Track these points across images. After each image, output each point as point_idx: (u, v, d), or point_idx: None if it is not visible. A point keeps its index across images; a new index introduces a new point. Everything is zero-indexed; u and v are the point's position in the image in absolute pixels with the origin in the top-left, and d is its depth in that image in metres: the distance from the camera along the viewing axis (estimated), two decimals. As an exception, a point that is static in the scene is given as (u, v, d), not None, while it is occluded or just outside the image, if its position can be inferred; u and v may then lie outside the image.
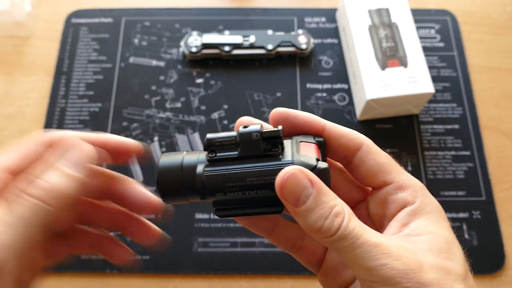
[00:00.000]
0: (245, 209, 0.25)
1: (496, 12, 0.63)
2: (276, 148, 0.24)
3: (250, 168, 0.23)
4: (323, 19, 0.62)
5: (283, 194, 0.22)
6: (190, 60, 0.59)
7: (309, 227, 0.22)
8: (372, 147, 0.26)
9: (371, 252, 0.21)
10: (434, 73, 0.58)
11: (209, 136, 0.25)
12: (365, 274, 0.21)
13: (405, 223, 0.24)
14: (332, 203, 0.22)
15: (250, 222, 0.27)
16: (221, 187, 0.24)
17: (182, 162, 0.25)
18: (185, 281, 0.48)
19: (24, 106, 0.56)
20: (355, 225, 0.22)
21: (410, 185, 0.25)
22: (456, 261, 0.22)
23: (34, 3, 0.62)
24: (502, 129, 0.55)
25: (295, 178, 0.22)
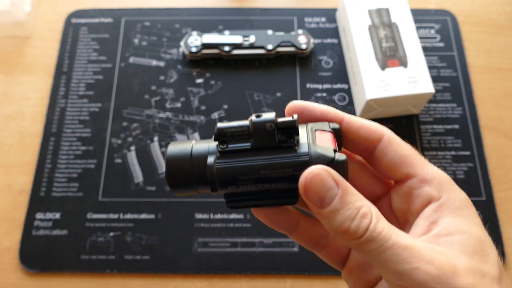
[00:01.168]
0: (258, 201, 0.24)
1: (496, 12, 0.63)
2: (292, 139, 0.22)
3: (264, 160, 0.22)
4: (323, 19, 0.62)
5: (307, 196, 0.21)
6: (190, 60, 0.59)
7: (335, 229, 0.21)
8: (394, 138, 0.25)
9: (401, 255, 0.20)
10: (434, 73, 0.58)
11: (220, 125, 0.23)
12: (396, 279, 0.20)
13: (434, 221, 0.22)
14: (359, 203, 0.21)
15: (271, 219, 0.26)
16: (233, 180, 0.22)
17: (192, 151, 0.24)
18: (185, 281, 0.48)
19: (24, 106, 0.56)
20: (384, 226, 0.20)
21: (435, 178, 0.23)
22: (491, 262, 0.21)
23: (34, 3, 0.62)
24: (502, 129, 0.55)
25: (320, 178, 0.21)
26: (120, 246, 0.49)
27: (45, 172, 0.52)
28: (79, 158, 0.53)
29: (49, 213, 0.50)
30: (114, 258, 0.48)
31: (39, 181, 0.52)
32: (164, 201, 0.51)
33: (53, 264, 0.48)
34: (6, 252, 0.49)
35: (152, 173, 0.52)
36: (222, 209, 0.51)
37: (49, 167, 0.53)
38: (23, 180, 0.52)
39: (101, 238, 0.49)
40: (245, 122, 0.23)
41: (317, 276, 0.48)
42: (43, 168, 0.53)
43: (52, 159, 0.53)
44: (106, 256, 0.48)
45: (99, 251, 0.48)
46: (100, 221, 0.50)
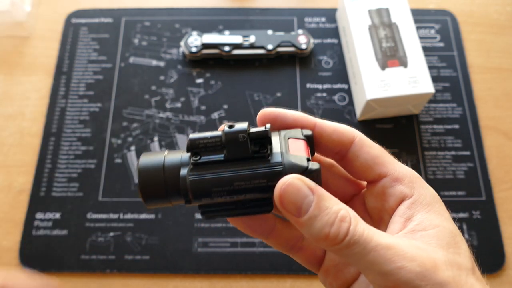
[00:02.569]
0: (233, 211, 0.23)
1: (496, 12, 0.63)
2: (265, 149, 0.23)
3: (238, 171, 0.22)
4: (323, 19, 0.62)
5: (283, 206, 0.21)
6: (190, 60, 0.59)
7: (315, 236, 0.21)
8: (365, 140, 0.25)
9: (385, 256, 0.20)
10: (434, 73, 0.58)
11: (192, 136, 0.23)
12: (381, 280, 0.20)
13: (408, 217, 0.23)
14: (336, 207, 0.21)
15: (247, 226, 0.26)
16: (207, 192, 0.22)
17: (164, 162, 0.23)
18: (185, 281, 0.48)
19: (24, 106, 0.56)
20: (363, 228, 0.21)
21: (406, 176, 0.24)
22: (463, 254, 0.22)
23: (34, 3, 0.62)
24: (502, 129, 0.55)
25: (295, 187, 0.21)
26: (120, 246, 0.49)
27: (45, 172, 0.52)
28: (79, 158, 0.53)
29: (49, 213, 0.50)
30: (114, 258, 0.48)
31: (39, 181, 0.52)
32: (164, 201, 0.51)
33: (53, 264, 0.48)
34: (6, 252, 0.49)
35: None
36: (222, 209, 0.51)
37: (49, 167, 0.53)
38: (23, 180, 0.52)
39: (101, 238, 0.49)
40: (218, 133, 0.23)
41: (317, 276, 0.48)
42: (43, 168, 0.53)
43: (52, 159, 0.53)
44: (106, 256, 0.48)
45: (99, 251, 0.48)
46: (100, 221, 0.50)
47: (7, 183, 0.52)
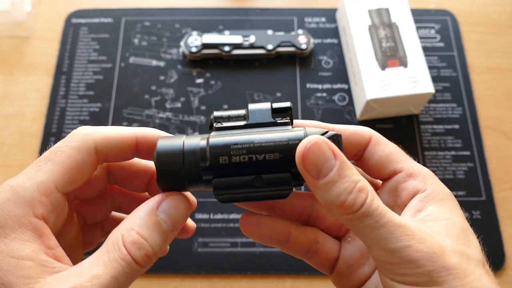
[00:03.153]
0: (248, 189, 0.22)
1: (496, 12, 0.63)
2: (287, 119, 0.23)
3: (260, 131, 0.22)
4: (323, 19, 0.62)
5: (304, 165, 0.20)
6: (190, 60, 0.59)
7: (330, 201, 0.20)
8: (380, 138, 0.25)
9: (395, 233, 0.20)
10: (434, 73, 0.58)
11: (216, 113, 0.23)
12: (387, 256, 0.20)
13: (419, 209, 0.23)
14: (356, 177, 0.21)
15: (263, 235, 0.26)
16: (226, 149, 0.21)
17: (183, 144, 0.23)
18: (185, 281, 0.48)
19: (24, 106, 0.56)
20: (379, 204, 0.21)
21: (421, 173, 0.24)
22: (475, 248, 0.22)
23: (34, 3, 0.62)
24: (502, 129, 0.55)
25: (318, 148, 0.20)
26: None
27: (45, 172, 0.52)
28: (79, 158, 0.53)
29: (49, 213, 0.50)
30: (114, 258, 0.48)
31: (39, 181, 0.52)
32: (164, 201, 0.51)
33: (53, 264, 0.48)
34: (6, 252, 0.49)
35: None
36: (222, 209, 0.51)
37: (49, 167, 0.53)
38: (23, 180, 0.52)
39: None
40: (242, 110, 0.24)
41: (317, 276, 0.48)
42: (43, 168, 0.52)
43: (52, 159, 0.53)
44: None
45: (99, 251, 0.48)
46: (100, 221, 0.50)
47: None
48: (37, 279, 0.19)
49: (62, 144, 0.23)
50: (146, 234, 0.21)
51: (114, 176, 0.28)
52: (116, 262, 0.20)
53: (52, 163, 0.22)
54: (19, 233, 0.20)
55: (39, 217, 0.21)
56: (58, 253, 0.21)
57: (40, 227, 0.21)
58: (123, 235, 0.21)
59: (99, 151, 0.24)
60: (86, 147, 0.23)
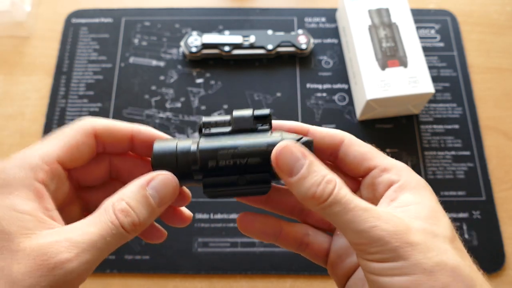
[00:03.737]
0: (233, 187, 0.26)
1: (496, 12, 0.63)
2: (266, 125, 0.26)
3: (242, 138, 0.26)
4: (323, 19, 0.62)
5: (278, 165, 0.24)
6: (190, 60, 0.59)
7: (303, 195, 0.23)
8: (354, 139, 0.28)
9: (362, 216, 0.22)
10: (434, 73, 0.58)
11: (205, 119, 0.27)
12: (357, 237, 0.22)
13: (393, 198, 0.25)
14: (324, 172, 0.24)
15: (258, 231, 0.29)
16: (214, 154, 0.25)
17: (177, 146, 0.26)
18: (185, 281, 0.48)
19: (24, 106, 0.56)
20: (346, 192, 0.23)
21: (394, 166, 0.26)
22: (442, 226, 0.23)
23: (34, 3, 0.62)
24: (502, 129, 0.55)
25: (289, 149, 0.24)
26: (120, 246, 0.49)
27: (45, 172, 0.52)
28: (79, 158, 0.53)
29: (49, 213, 0.50)
30: (114, 258, 0.48)
31: (39, 181, 0.52)
32: (164, 201, 0.51)
33: (53, 264, 0.48)
34: (6, 252, 0.49)
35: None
36: (222, 209, 0.51)
37: (49, 167, 0.53)
38: (23, 180, 0.52)
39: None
40: (227, 116, 0.27)
41: (317, 276, 0.48)
42: (43, 168, 0.52)
43: (52, 159, 0.53)
44: (106, 256, 0.48)
45: (99, 251, 0.48)
46: (100, 221, 0.50)
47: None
48: (34, 231, 0.22)
49: (67, 127, 0.27)
50: (134, 205, 0.24)
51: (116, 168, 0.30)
52: (105, 223, 0.23)
53: (56, 139, 0.26)
54: (22, 192, 0.23)
55: (40, 181, 0.24)
56: (54, 215, 0.24)
57: (40, 190, 0.24)
58: (114, 203, 0.24)
59: (97, 136, 0.27)
60: (86, 130, 0.27)
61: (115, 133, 0.28)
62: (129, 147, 0.29)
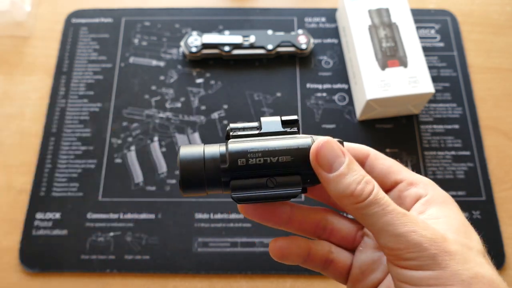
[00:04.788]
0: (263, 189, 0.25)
1: (496, 12, 0.63)
2: (295, 128, 0.26)
3: (273, 138, 0.25)
4: (323, 19, 0.62)
5: (318, 160, 0.23)
6: (190, 60, 0.59)
7: (341, 192, 0.23)
8: (379, 154, 0.28)
9: (400, 219, 0.22)
10: (434, 73, 0.58)
11: (232, 125, 0.26)
12: (393, 241, 0.22)
13: (422, 211, 0.25)
14: (363, 172, 0.24)
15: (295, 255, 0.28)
16: (244, 153, 0.24)
17: (204, 150, 0.25)
18: (185, 281, 0.48)
19: (24, 106, 0.56)
20: (385, 195, 0.23)
21: (421, 181, 0.26)
22: (475, 240, 0.24)
23: (34, 3, 0.62)
24: (502, 129, 0.55)
25: (330, 145, 0.23)
26: (120, 246, 0.49)
27: (45, 172, 0.52)
28: (79, 158, 0.53)
29: (49, 213, 0.50)
30: (114, 258, 0.48)
31: (39, 181, 0.52)
32: (164, 201, 0.51)
33: (53, 264, 0.48)
34: (6, 252, 0.49)
35: (152, 173, 0.52)
36: (222, 209, 0.51)
37: (49, 167, 0.53)
38: (23, 180, 0.52)
39: (101, 238, 0.49)
40: (255, 123, 0.26)
41: (317, 276, 0.48)
42: (43, 168, 0.53)
43: (52, 159, 0.53)
44: (106, 256, 0.48)
45: (99, 251, 0.48)
46: (100, 221, 0.50)
47: (7, 183, 0.52)
48: None
49: None
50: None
51: None
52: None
53: None
54: None
55: None
56: None
57: None
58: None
59: None
60: None
61: None
62: None
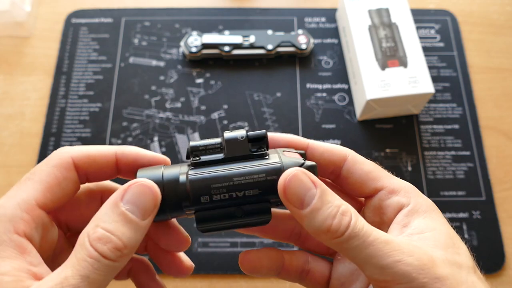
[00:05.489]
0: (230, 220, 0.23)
1: (496, 12, 0.63)
2: (262, 149, 0.23)
3: (238, 167, 0.23)
4: (323, 19, 0.62)
5: (287, 197, 0.21)
6: (190, 60, 0.59)
7: (316, 228, 0.21)
8: (357, 157, 0.26)
9: (383, 249, 0.20)
10: (434, 73, 0.58)
11: (193, 143, 0.24)
12: (379, 274, 0.20)
13: (405, 224, 0.23)
14: (338, 202, 0.21)
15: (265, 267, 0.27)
16: (207, 189, 0.22)
17: (163, 175, 0.23)
18: (185, 281, 0.48)
19: (24, 106, 0.56)
20: (363, 223, 0.21)
21: (402, 187, 0.24)
22: (464, 254, 0.22)
23: (34, 3, 0.62)
24: (502, 129, 0.55)
25: (298, 179, 0.21)
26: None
27: (45, 172, 0.52)
28: (79, 158, 0.53)
29: (49, 213, 0.50)
30: (114, 258, 0.48)
31: (39, 181, 0.52)
32: (164, 201, 0.51)
33: (53, 264, 0.48)
34: (6, 252, 0.49)
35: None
36: (222, 209, 0.51)
37: (49, 167, 0.53)
38: (23, 180, 0.52)
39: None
40: (218, 139, 0.24)
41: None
42: (43, 168, 0.52)
43: (52, 159, 0.53)
44: None
45: (99, 251, 0.48)
46: (100, 221, 0.50)
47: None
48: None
49: (41, 164, 0.23)
50: (112, 227, 0.20)
51: None
52: (83, 260, 0.20)
53: (31, 181, 0.22)
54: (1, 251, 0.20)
55: (20, 234, 0.21)
56: (41, 270, 0.21)
57: (21, 244, 0.21)
58: (89, 233, 0.20)
59: (78, 167, 0.24)
60: (65, 164, 0.23)
61: (97, 160, 0.24)
62: (115, 172, 0.26)
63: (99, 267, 0.20)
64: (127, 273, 0.29)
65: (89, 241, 0.20)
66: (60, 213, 0.25)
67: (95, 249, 0.20)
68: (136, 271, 0.28)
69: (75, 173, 0.24)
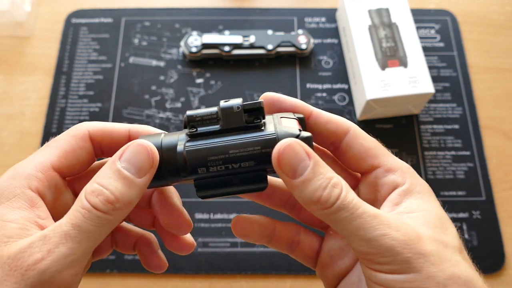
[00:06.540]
0: (228, 187, 0.24)
1: (496, 12, 0.63)
2: (258, 119, 0.24)
3: (233, 140, 0.23)
4: (323, 19, 0.62)
5: (280, 166, 0.22)
6: (190, 60, 0.59)
7: (307, 198, 0.21)
8: (359, 132, 0.26)
9: (371, 223, 0.21)
10: (434, 73, 0.58)
11: (189, 112, 0.24)
12: (365, 246, 0.21)
13: (397, 203, 0.24)
14: (330, 174, 0.22)
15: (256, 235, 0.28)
16: (203, 161, 0.23)
17: (161, 142, 0.24)
18: (185, 281, 0.48)
19: (24, 106, 0.56)
20: (353, 197, 0.21)
21: (399, 167, 0.25)
22: (451, 235, 0.23)
23: (34, 3, 0.62)
24: (502, 129, 0.55)
25: (292, 149, 0.21)
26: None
27: (45, 172, 0.52)
28: (79, 158, 0.53)
29: (49, 213, 0.50)
30: (114, 258, 0.48)
31: (39, 181, 0.52)
32: (164, 201, 0.51)
33: (53, 264, 0.48)
34: (6, 252, 0.49)
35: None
36: (222, 209, 0.51)
37: (49, 167, 0.53)
38: (23, 180, 0.52)
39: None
40: (214, 108, 0.24)
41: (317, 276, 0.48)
42: (43, 168, 0.52)
43: (52, 159, 0.53)
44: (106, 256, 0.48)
45: (99, 251, 0.48)
46: (100, 221, 0.50)
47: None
48: (16, 239, 0.21)
49: (61, 134, 0.26)
50: (105, 182, 0.22)
51: None
52: (76, 211, 0.21)
53: (50, 147, 0.25)
54: (12, 202, 0.22)
55: (33, 190, 0.23)
56: (47, 224, 0.23)
57: (32, 198, 0.23)
58: (86, 189, 0.22)
59: (93, 139, 0.26)
60: (81, 134, 0.26)
61: (112, 134, 0.26)
62: None
63: (90, 217, 0.21)
64: (133, 247, 0.30)
65: (84, 194, 0.22)
66: (76, 184, 0.27)
67: (88, 201, 0.21)
68: (141, 244, 0.30)
69: (90, 144, 0.26)
